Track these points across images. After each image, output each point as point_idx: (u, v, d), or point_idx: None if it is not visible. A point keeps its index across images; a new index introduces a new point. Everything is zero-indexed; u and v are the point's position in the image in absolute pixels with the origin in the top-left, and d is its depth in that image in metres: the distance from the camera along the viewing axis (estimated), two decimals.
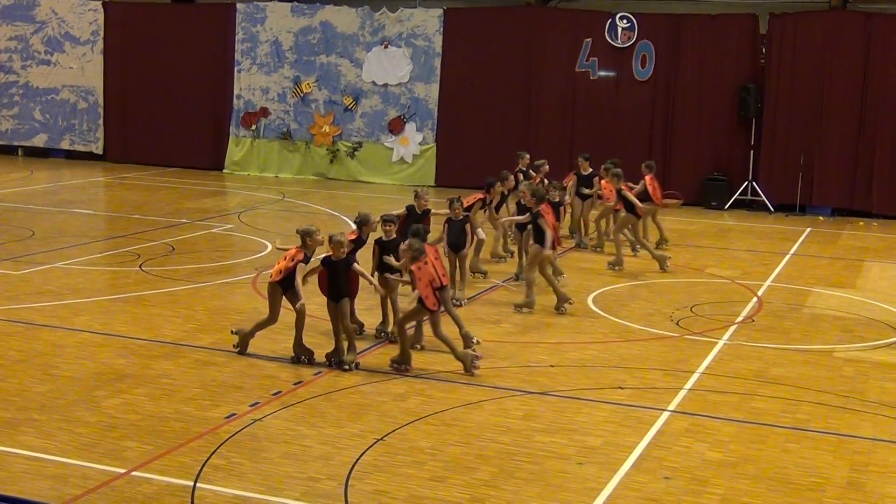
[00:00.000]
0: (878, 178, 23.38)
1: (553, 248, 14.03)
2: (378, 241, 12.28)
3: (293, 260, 11.19)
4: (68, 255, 16.75)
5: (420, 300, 11.06)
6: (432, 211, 14.27)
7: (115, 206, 23.21)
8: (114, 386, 10.47)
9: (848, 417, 10.24)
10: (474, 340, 11.92)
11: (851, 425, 10.02)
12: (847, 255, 19.16)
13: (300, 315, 11.22)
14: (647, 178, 17.88)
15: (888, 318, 14.26)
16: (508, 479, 8.47)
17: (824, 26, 23.73)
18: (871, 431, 9.88)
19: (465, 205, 15.11)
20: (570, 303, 14.04)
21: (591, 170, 18.78)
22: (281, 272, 11.25)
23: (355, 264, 11.25)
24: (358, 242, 12.34)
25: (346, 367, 11.12)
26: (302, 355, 11.36)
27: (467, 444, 9.21)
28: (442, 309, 11.45)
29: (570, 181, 18.73)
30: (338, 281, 11.17)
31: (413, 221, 13.32)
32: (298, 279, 11.09)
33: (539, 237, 13.86)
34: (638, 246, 17.80)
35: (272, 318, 11.46)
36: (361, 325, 12.43)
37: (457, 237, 14.19)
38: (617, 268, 16.81)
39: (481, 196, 16.21)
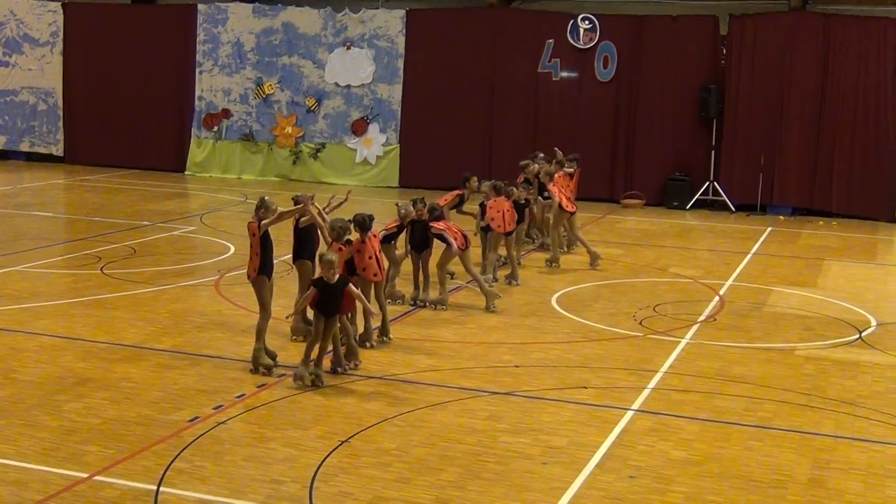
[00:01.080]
0: (838, 177, 23.60)
1: (463, 248, 14.00)
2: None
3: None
4: (28, 258, 16.58)
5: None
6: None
7: (76, 208, 23.00)
8: (75, 390, 10.38)
9: (810, 415, 10.33)
10: (385, 338, 12.25)
11: (813, 423, 10.11)
12: (807, 254, 19.33)
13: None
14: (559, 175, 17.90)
15: (848, 317, 14.40)
16: (474, 480, 8.47)
17: (784, 27, 23.94)
18: (833, 429, 9.96)
19: (444, 202, 15.66)
20: (499, 297, 14.27)
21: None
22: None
23: (350, 286, 10.75)
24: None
25: (343, 369, 11.06)
26: (260, 366, 11.13)
27: (432, 445, 9.20)
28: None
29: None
30: (332, 302, 10.67)
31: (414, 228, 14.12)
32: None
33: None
34: (576, 243, 17.83)
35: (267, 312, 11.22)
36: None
37: (420, 238, 14.18)
38: (553, 265, 16.88)
39: (459, 192, 16.26)
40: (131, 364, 11.27)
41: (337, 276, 10.60)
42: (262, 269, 11.10)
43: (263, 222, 11.15)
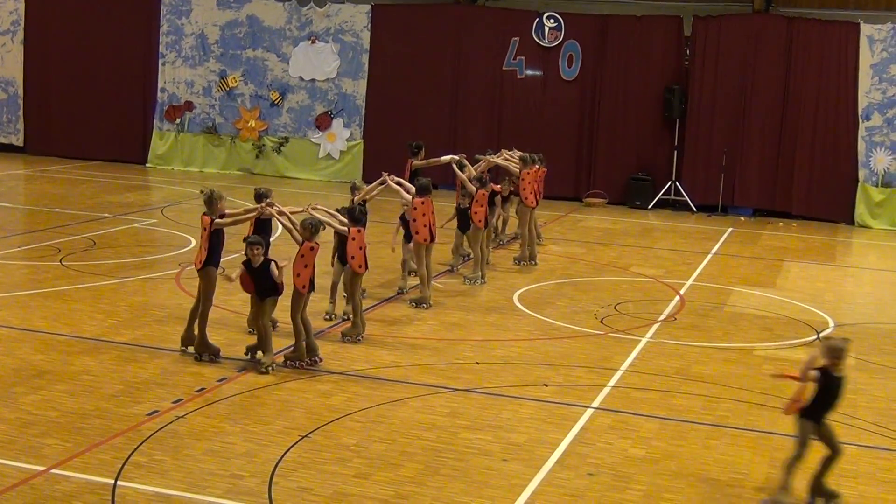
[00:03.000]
0: (799, 179, 23.82)
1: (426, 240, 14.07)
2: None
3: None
4: None
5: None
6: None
7: (35, 199, 22.77)
8: (33, 382, 10.29)
9: (767, 414, 10.42)
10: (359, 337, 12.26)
11: (770, 422, 10.20)
12: (767, 255, 19.50)
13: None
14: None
15: (806, 317, 14.54)
16: (433, 476, 8.48)
17: (747, 29, 24.13)
18: (790, 428, 10.01)
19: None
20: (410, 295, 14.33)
21: None
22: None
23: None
24: None
25: (263, 369, 10.97)
26: (205, 353, 11.20)
27: (392, 440, 9.20)
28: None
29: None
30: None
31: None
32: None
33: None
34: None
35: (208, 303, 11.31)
36: (275, 323, 12.26)
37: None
38: (522, 263, 16.95)
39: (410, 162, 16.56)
40: (90, 357, 11.19)
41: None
42: (208, 261, 11.14)
43: (217, 221, 11.11)
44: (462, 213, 15.55)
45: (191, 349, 11.33)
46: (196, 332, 11.28)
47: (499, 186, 17.02)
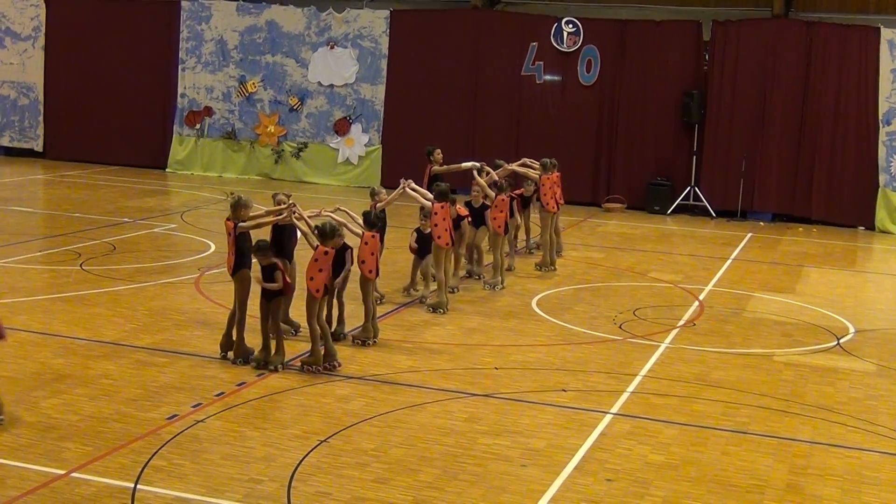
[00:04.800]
0: (818, 184, 23.72)
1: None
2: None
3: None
4: (7, 253, 16.49)
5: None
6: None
7: (56, 204, 22.89)
8: (53, 386, 10.33)
9: (787, 421, 10.37)
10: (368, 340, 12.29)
11: (791, 429, 10.15)
12: (787, 261, 19.42)
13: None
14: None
15: (827, 323, 14.47)
16: (451, 481, 8.47)
17: (766, 34, 24.05)
18: (810, 435, 10.01)
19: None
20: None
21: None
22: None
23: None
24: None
25: (272, 367, 11.06)
26: (241, 356, 11.26)
27: (411, 445, 9.20)
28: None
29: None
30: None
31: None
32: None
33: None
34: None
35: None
36: (297, 327, 12.32)
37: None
38: (544, 268, 16.93)
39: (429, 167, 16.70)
40: (110, 361, 11.22)
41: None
42: (239, 265, 11.15)
43: (240, 224, 11.17)
44: (423, 237, 14.49)
45: (230, 354, 11.35)
46: (234, 336, 11.36)
47: (521, 190, 17.13)
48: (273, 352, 11.16)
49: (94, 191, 24.09)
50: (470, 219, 15.30)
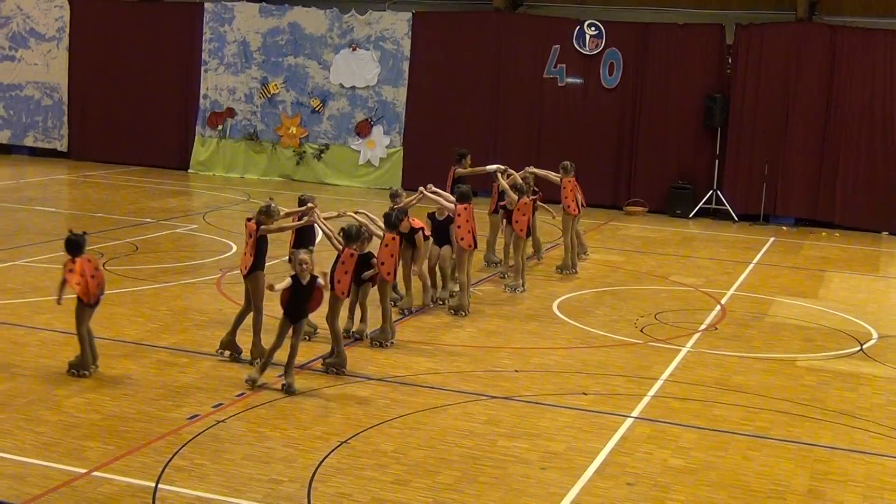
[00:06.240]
0: (842, 188, 23.60)
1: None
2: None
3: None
4: (31, 252, 16.59)
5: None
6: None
7: (79, 204, 23.02)
8: (75, 385, 10.38)
9: (808, 426, 10.32)
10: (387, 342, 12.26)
11: (812, 434, 10.11)
12: (809, 265, 19.33)
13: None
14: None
15: (849, 328, 14.40)
16: (471, 484, 8.47)
17: (790, 37, 23.95)
18: (831, 440, 9.97)
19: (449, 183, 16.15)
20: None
21: None
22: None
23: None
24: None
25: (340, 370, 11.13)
26: (258, 357, 11.25)
27: (430, 447, 9.20)
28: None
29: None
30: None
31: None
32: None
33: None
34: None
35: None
36: (315, 329, 12.33)
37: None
38: (565, 271, 16.89)
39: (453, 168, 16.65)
40: (131, 360, 11.28)
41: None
42: (255, 266, 11.18)
43: (262, 228, 11.20)
44: (439, 224, 14.36)
45: (227, 353, 11.40)
46: (232, 335, 11.42)
47: (541, 194, 17.10)
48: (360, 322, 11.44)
49: (117, 191, 24.21)
50: (428, 233, 13.88)
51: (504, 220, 16.11)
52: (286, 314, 10.56)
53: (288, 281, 10.43)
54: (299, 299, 10.50)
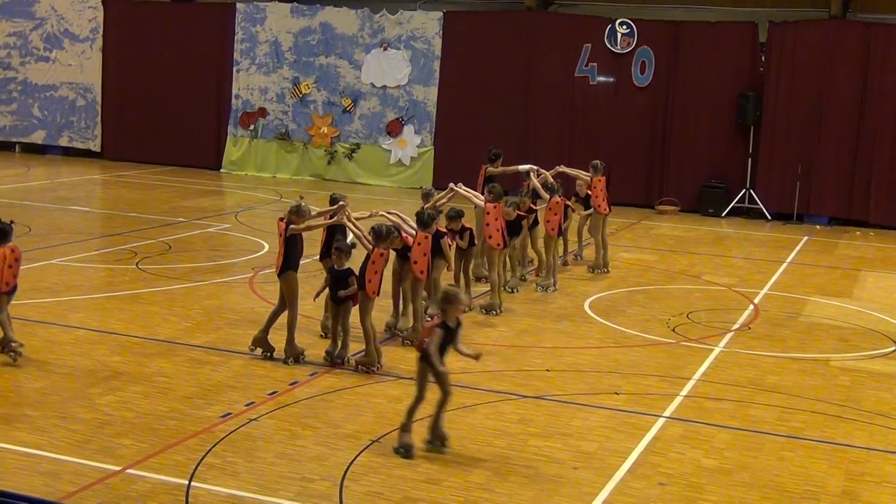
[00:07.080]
0: (876, 187, 23.40)
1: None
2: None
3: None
4: (65, 251, 16.72)
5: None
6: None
7: (112, 203, 23.18)
8: (109, 383, 10.45)
9: (843, 426, 10.24)
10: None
11: (847, 434, 10.02)
12: (844, 265, 19.18)
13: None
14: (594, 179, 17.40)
15: (884, 328, 14.27)
16: (503, 483, 8.45)
17: (824, 35, 23.77)
18: (867, 441, 9.88)
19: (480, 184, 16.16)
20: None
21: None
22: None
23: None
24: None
25: (339, 360, 11.29)
26: (292, 356, 11.33)
27: (462, 446, 9.19)
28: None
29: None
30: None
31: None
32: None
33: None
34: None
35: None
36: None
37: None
38: (597, 270, 16.82)
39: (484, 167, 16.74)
40: (164, 359, 11.34)
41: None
42: (287, 266, 11.25)
43: (291, 227, 11.26)
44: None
45: (259, 351, 11.46)
46: (265, 332, 11.49)
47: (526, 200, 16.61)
48: (340, 347, 11.31)
49: (150, 191, 24.36)
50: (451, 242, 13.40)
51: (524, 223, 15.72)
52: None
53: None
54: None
